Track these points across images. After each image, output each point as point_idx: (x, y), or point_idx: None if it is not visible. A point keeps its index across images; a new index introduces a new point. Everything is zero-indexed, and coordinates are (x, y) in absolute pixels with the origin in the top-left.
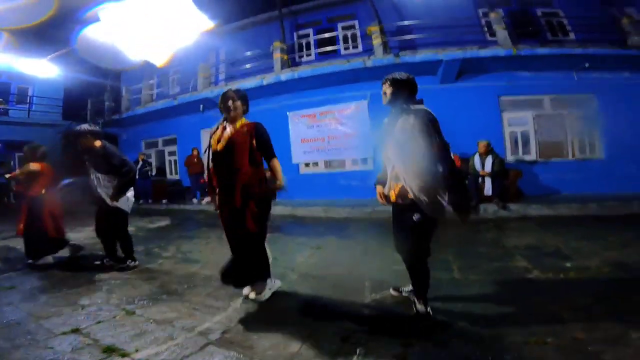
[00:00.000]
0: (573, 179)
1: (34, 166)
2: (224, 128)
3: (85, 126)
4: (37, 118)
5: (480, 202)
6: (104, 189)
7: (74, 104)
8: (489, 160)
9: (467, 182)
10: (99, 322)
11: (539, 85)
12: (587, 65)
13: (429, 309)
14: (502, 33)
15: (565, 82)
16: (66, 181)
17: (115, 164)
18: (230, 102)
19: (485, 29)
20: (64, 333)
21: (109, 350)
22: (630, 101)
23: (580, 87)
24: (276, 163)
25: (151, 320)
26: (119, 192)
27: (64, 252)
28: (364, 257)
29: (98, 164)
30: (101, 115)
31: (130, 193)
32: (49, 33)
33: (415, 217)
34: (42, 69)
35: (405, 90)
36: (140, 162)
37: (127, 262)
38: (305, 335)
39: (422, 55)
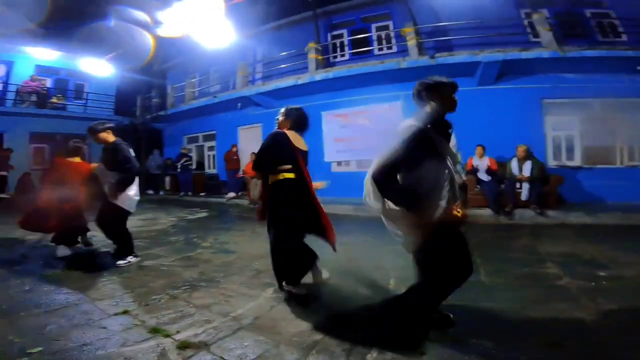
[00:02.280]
0: (620, 186)
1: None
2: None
3: (101, 122)
4: (92, 113)
5: (517, 207)
6: (108, 185)
7: (124, 100)
8: (527, 165)
9: (503, 186)
10: (147, 304)
11: (587, 88)
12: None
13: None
14: (546, 34)
15: (616, 85)
16: None
17: (119, 160)
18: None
19: (529, 29)
20: (116, 314)
21: (154, 330)
22: None
23: (632, 91)
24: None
25: (191, 305)
26: (118, 189)
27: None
28: (390, 256)
29: (107, 159)
30: (149, 112)
31: (133, 192)
32: (104, 34)
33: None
34: (99, 68)
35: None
36: (183, 157)
37: (128, 259)
38: (329, 325)
39: (458, 57)
